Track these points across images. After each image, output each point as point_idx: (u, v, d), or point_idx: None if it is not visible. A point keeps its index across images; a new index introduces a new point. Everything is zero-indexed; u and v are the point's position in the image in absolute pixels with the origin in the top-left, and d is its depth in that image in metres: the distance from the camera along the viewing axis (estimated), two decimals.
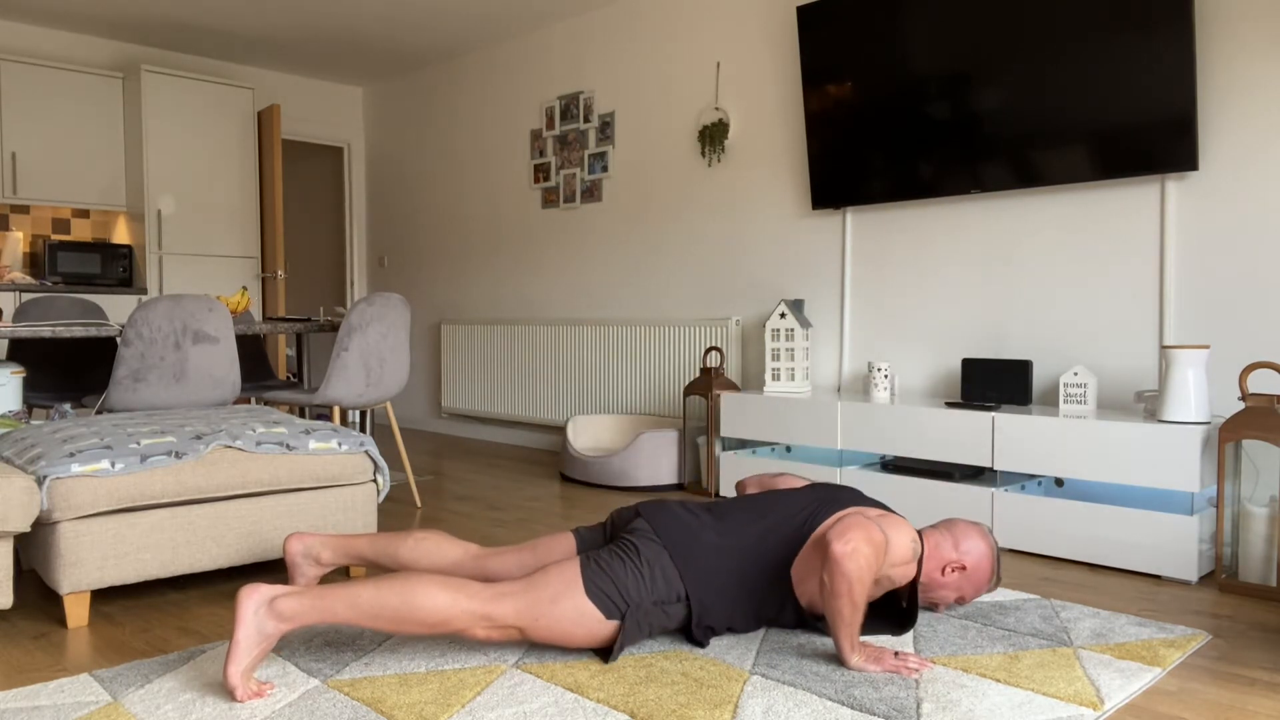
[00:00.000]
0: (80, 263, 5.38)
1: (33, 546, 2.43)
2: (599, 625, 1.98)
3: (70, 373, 4.07)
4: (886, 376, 3.65)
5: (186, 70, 6.05)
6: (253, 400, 4.36)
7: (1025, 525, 3.04)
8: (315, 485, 2.67)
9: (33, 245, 5.53)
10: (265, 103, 6.42)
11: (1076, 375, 3.15)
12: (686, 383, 4.48)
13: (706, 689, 1.88)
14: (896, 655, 1.98)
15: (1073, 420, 2.95)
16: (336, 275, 7.51)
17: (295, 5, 5.16)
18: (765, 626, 2.24)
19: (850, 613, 1.93)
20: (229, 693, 1.83)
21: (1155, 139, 3.12)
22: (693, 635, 2.10)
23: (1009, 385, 3.39)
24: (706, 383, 4.07)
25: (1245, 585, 2.61)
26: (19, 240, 5.36)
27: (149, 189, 5.52)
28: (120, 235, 5.78)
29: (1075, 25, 3.25)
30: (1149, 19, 3.09)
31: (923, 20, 3.63)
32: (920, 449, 3.30)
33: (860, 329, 4.07)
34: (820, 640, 2.16)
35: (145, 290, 5.53)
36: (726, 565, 2.09)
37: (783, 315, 3.90)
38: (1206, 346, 2.78)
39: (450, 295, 6.26)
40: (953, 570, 2.26)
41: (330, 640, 2.17)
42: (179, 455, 2.41)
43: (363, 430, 4.41)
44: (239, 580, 2.73)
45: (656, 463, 4.14)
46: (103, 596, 2.57)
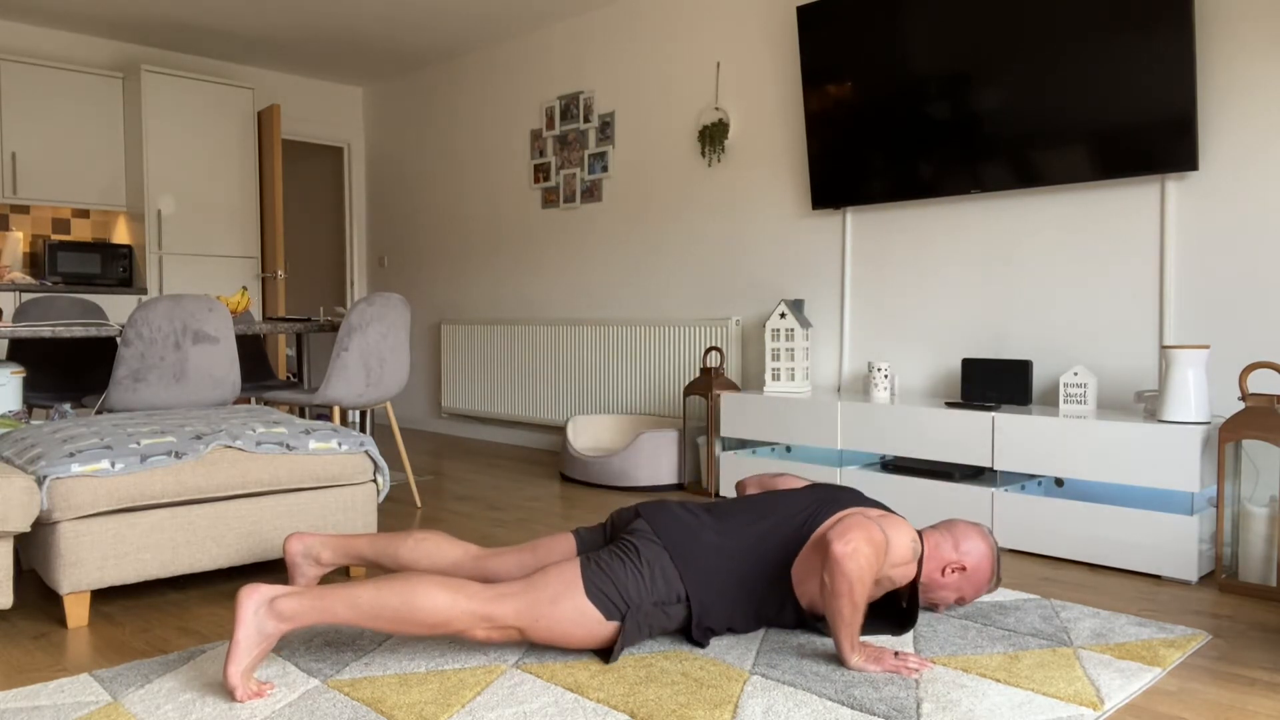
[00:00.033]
0: (80, 263, 5.38)
1: (33, 546, 2.43)
2: (599, 626, 1.98)
3: (70, 373, 4.07)
4: (886, 376, 3.65)
5: (186, 70, 6.05)
6: (253, 400, 4.36)
7: (1025, 525, 3.05)
8: (315, 485, 2.67)
9: (33, 245, 5.53)
10: (265, 103, 6.42)
11: (1076, 375, 3.15)
12: (686, 383, 4.48)
13: (706, 689, 1.88)
14: (896, 655, 1.98)
15: (1073, 420, 2.95)
16: (336, 275, 7.51)
17: (295, 5, 5.16)
18: (765, 627, 2.24)
19: (850, 613, 1.93)
20: (229, 693, 1.83)
21: (1155, 139, 3.12)
22: (693, 636, 2.10)
23: (1009, 385, 3.39)
24: (706, 383, 4.07)
25: (1245, 585, 2.61)
26: (19, 240, 5.36)
27: (149, 189, 5.52)
28: (120, 235, 5.78)
29: (1075, 25, 3.25)
30: (1149, 19, 3.09)
31: (923, 20, 3.63)
32: (920, 449, 3.30)
33: (860, 329, 4.07)
34: (820, 640, 2.16)
35: (145, 290, 5.53)
36: (726, 566, 2.09)
37: (783, 315, 3.90)
38: (1206, 346, 2.78)
39: (450, 295, 6.26)
40: (953, 571, 2.26)
41: (330, 640, 2.17)
42: (179, 455, 2.41)
43: (363, 430, 4.41)
44: (239, 580, 2.73)
45: (656, 463, 4.14)
46: (103, 596, 2.57)
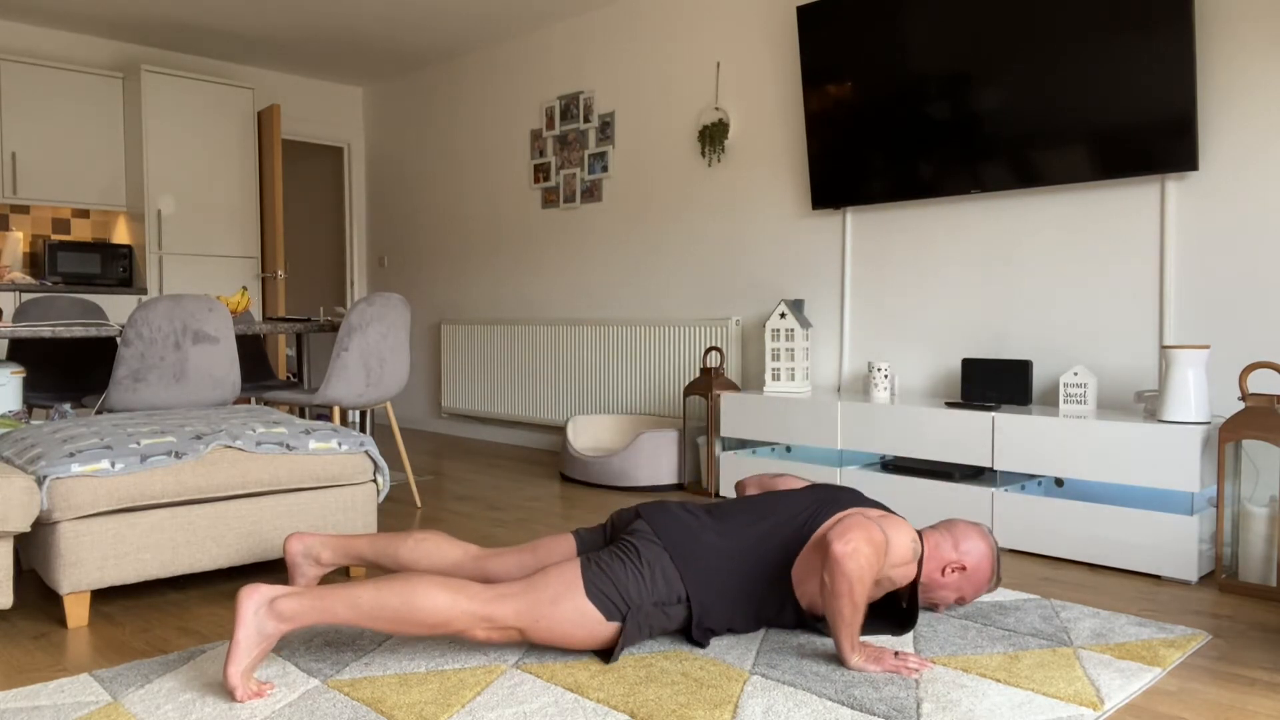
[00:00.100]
0: (80, 263, 5.38)
1: (33, 546, 2.43)
2: (599, 626, 1.98)
3: (70, 373, 4.07)
4: (886, 376, 3.65)
5: (186, 70, 6.05)
6: (253, 400, 4.36)
7: (1025, 525, 3.05)
8: (315, 485, 2.67)
9: (33, 245, 5.53)
10: (265, 103, 6.42)
11: (1076, 375, 3.15)
12: (686, 383, 4.48)
13: (706, 689, 1.88)
14: (896, 655, 1.98)
15: (1073, 420, 2.95)
16: (336, 275, 7.51)
17: (295, 5, 5.16)
18: (765, 627, 2.24)
19: (851, 613, 1.93)
20: (229, 693, 1.83)
21: (1155, 139, 3.12)
22: (693, 636, 2.10)
23: (1009, 385, 3.39)
24: (706, 383, 4.06)
25: (1245, 585, 2.61)
26: (19, 240, 5.36)
27: (149, 189, 5.52)
28: (120, 235, 5.78)
29: (1075, 25, 3.25)
30: (1149, 19, 3.09)
31: (923, 20, 3.63)
32: (920, 449, 3.30)
33: (860, 329, 4.07)
34: (820, 640, 2.16)
35: (145, 290, 5.53)
36: (727, 566, 2.09)
37: (783, 315, 3.90)
38: (1206, 346, 2.78)
39: (450, 295, 6.26)
40: (953, 571, 2.26)
41: (330, 640, 2.17)
42: (179, 455, 2.41)
43: (363, 430, 4.41)
44: (239, 580, 2.73)
45: (656, 463, 4.14)
46: (103, 596, 2.57)
